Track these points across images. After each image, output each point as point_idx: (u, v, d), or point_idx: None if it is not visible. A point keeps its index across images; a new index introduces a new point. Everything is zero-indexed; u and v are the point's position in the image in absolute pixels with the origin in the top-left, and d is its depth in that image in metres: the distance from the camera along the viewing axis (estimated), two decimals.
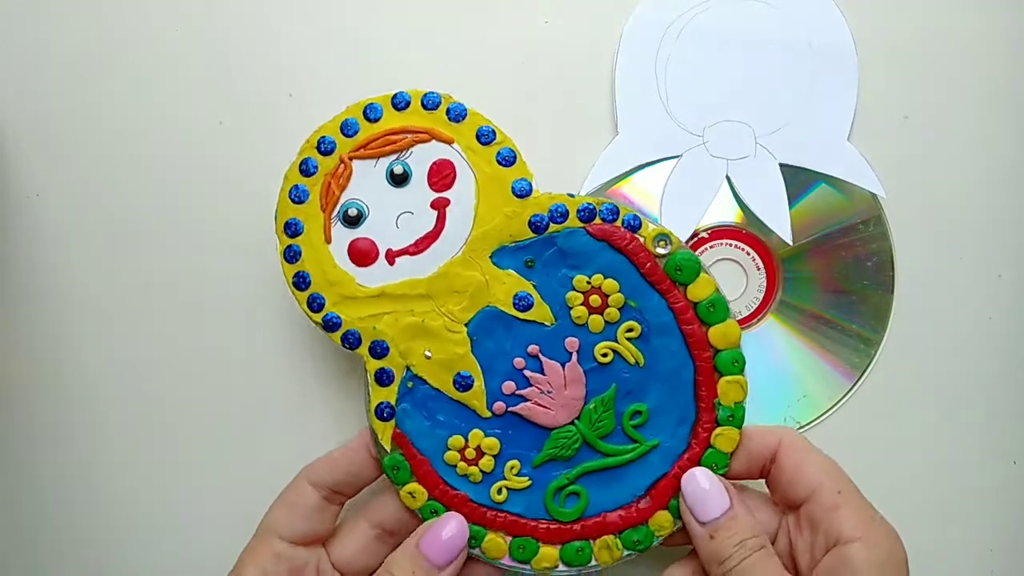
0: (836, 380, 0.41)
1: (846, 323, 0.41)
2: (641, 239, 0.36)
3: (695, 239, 0.41)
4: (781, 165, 0.41)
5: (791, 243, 0.40)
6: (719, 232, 0.41)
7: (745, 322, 0.41)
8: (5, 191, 0.41)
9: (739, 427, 0.36)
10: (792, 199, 0.41)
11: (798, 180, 0.41)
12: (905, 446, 0.42)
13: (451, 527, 0.35)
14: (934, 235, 0.42)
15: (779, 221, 0.40)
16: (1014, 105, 0.42)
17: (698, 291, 0.36)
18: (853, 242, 0.41)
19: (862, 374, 0.41)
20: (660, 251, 0.36)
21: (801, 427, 0.41)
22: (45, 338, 0.42)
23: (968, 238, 0.42)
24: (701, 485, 0.35)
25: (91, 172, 0.41)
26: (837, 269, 0.41)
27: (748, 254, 0.41)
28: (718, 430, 0.36)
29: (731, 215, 0.41)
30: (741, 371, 0.36)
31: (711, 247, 0.41)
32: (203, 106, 0.42)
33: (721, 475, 0.36)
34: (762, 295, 0.41)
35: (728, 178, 0.41)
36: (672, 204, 0.41)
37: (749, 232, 0.41)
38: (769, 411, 0.41)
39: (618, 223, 0.36)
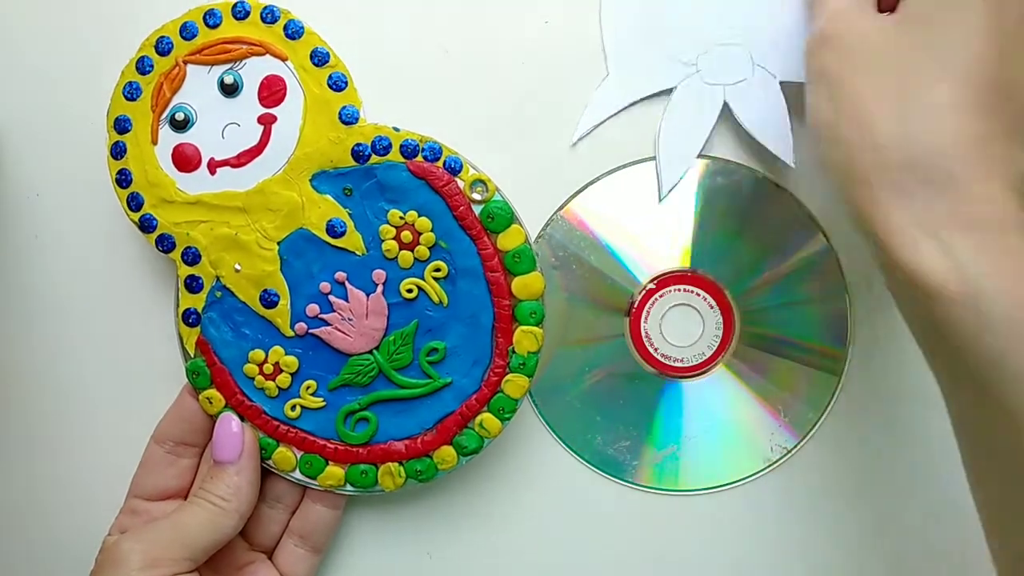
0: (823, 379, 0.41)
1: (808, 340, 0.41)
2: (459, 183, 0.37)
3: (643, 291, 0.40)
4: (782, 83, 0.38)
5: (792, 165, 0.39)
6: (666, 279, 0.41)
7: (710, 361, 0.41)
8: (5, 191, 0.41)
9: (529, 376, 0.37)
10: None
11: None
12: (904, 446, 0.41)
13: (224, 424, 0.37)
14: None
15: (781, 144, 0.38)
16: None
17: (507, 241, 0.37)
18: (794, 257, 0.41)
19: (840, 379, 0.41)
20: (476, 196, 0.37)
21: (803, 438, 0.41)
22: (44, 338, 0.42)
23: None
24: None
25: (91, 172, 0.40)
26: (792, 286, 0.40)
27: (699, 295, 0.41)
28: (509, 376, 0.37)
29: (674, 261, 0.41)
30: (538, 323, 0.37)
31: (661, 296, 0.41)
32: None
33: (507, 419, 0.38)
34: (721, 331, 0.41)
35: (727, 104, 0.39)
36: (670, 139, 0.39)
37: (695, 274, 0.41)
38: (752, 441, 0.41)
39: (439, 163, 0.37)
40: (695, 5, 0.39)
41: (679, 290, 0.41)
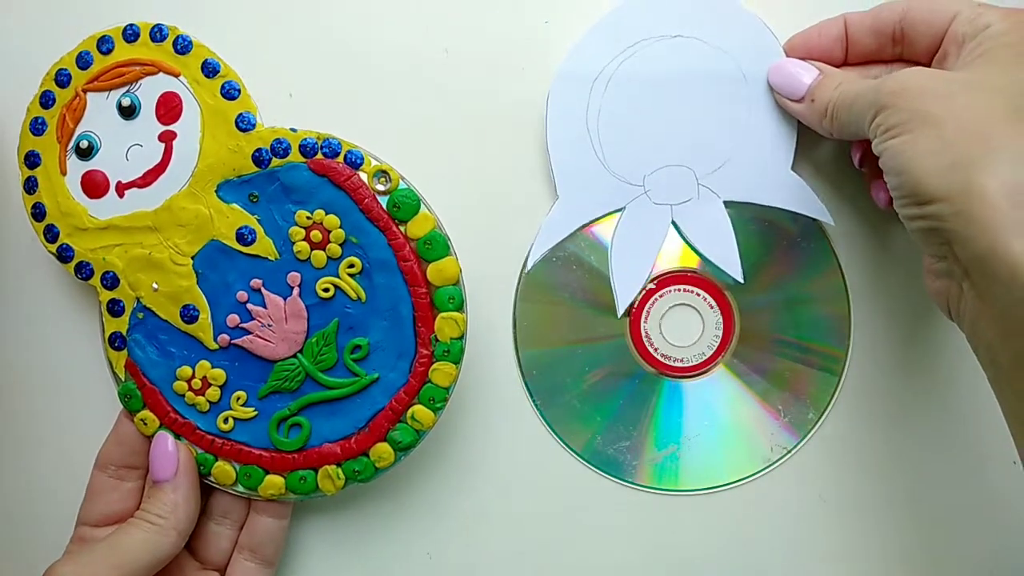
0: (823, 379, 0.41)
1: (808, 340, 0.41)
2: (362, 175, 0.36)
3: (643, 291, 0.40)
4: (726, 203, 0.39)
5: (742, 281, 0.40)
6: (666, 279, 0.41)
7: (710, 361, 0.41)
8: (5, 191, 0.41)
9: (456, 362, 0.37)
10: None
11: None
12: (904, 446, 0.41)
13: (158, 443, 0.37)
14: None
15: (729, 261, 0.40)
16: None
17: (416, 228, 0.36)
18: (798, 257, 0.40)
19: (840, 379, 0.41)
20: (379, 187, 0.36)
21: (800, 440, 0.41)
22: (44, 337, 0.42)
23: None
24: (787, 69, 0.37)
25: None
26: (792, 286, 0.40)
27: (699, 295, 0.41)
28: (435, 365, 0.37)
29: (673, 261, 0.41)
30: (458, 308, 0.36)
31: (660, 296, 0.41)
32: None
33: (439, 409, 0.37)
34: (721, 331, 0.41)
35: (674, 223, 0.40)
36: (621, 258, 0.40)
37: (695, 274, 0.41)
38: (752, 441, 0.41)
39: (339, 159, 0.36)
40: (639, 130, 0.39)
41: (679, 290, 0.41)
